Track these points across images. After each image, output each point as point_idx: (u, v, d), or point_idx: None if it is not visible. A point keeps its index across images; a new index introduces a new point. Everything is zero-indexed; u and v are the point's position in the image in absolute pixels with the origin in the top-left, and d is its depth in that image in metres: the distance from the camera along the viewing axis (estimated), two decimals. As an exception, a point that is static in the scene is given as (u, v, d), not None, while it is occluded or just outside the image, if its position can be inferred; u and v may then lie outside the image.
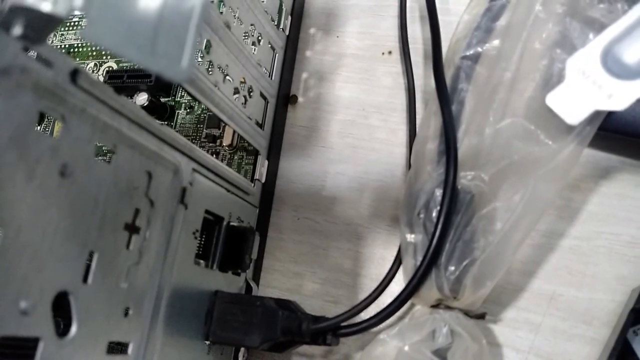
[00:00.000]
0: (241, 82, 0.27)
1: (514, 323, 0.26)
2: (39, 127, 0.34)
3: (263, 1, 0.29)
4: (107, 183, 0.18)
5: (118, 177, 0.18)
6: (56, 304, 0.16)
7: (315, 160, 0.32)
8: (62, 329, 0.17)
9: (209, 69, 0.24)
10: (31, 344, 0.15)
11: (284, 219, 0.31)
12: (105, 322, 0.18)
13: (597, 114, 0.23)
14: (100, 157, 0.30)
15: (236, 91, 0.26)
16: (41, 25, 0.14)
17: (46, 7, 0.13)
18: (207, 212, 0.24)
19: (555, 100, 0.21)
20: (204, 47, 0.23)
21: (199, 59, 0.25)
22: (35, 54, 0.15)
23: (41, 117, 0.33)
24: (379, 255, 0.29)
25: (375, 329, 0.25)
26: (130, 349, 0.20)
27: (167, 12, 0.13)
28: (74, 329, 0.17)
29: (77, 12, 0.35)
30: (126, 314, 0.19)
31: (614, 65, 0.21)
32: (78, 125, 0.16)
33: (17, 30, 0.14)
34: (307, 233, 0.30)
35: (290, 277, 0.30)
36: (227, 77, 0.25)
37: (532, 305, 0.26)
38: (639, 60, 0.21)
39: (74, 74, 0.16)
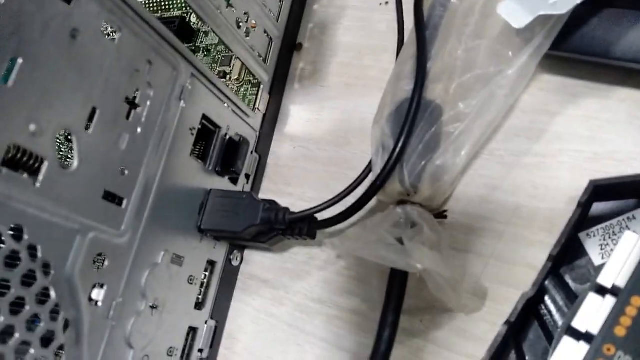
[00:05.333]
0: (244, 14, 0.31)
1: (480, 231, 0.28)
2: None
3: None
4: (112, 57, 0.22)
5: (121, 55, 0.22)
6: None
7: (314, 98, 0.35)
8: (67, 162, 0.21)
9: (213, -5, 0.28)
10: (38, 162, 0.19)
11: (282, 149, 0.35)
12: (102, 170, 0.22)
13: (548, 31, 0.25)
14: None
15: (239, 21, 0.30)
16: None
17: None
18: (206, 118, 0.28)
19: (506, 8, 0.23)
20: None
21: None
22: None
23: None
24: (364, 177, 0.31)
25: (345, 224, 0.27)
26: (124, 204, 0.23)
27: None
28: (75, 163, 0.21)
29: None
30: (123, 173, 0.23)
31: (558, -24, 0.23)
32: (88, 2, 0.21)
33: None
34: (300, 159, 0.34)
35: (283, 196, 0.33)
36: (231, 7, 0.29)
37: (497, 215, 0.28)
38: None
39: (87, -42, 0.20)
